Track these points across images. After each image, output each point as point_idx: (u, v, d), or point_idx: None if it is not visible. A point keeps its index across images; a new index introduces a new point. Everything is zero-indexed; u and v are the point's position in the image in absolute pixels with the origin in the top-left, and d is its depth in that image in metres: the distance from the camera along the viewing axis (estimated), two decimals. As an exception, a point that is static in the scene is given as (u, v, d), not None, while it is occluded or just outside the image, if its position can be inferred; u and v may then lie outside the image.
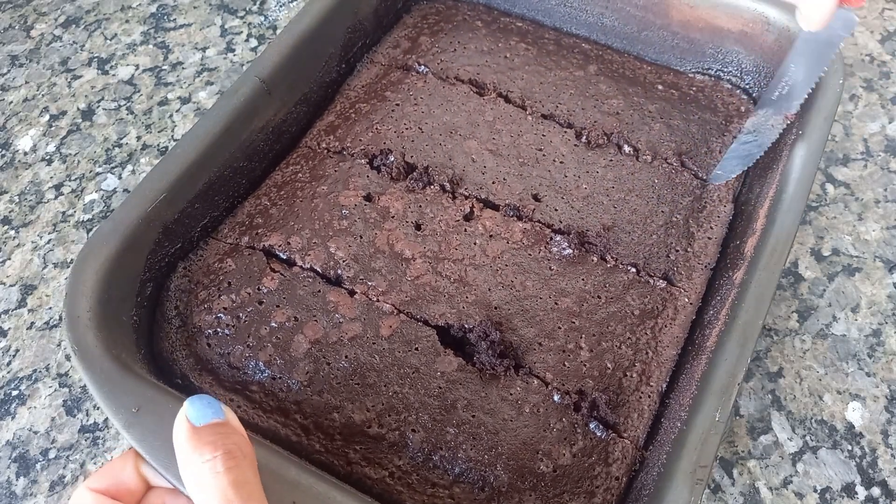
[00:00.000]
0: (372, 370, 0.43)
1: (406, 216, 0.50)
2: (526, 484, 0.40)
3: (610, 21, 0.60)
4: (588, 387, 0.43)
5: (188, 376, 0.44)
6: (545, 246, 0.49)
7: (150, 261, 0.46)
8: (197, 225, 0.49)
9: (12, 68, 0.70)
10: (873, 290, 0.54)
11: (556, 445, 0.41)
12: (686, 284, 0.47)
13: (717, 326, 0.41)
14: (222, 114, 0.49)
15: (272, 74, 0.52)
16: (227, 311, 0.46)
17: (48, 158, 0.63)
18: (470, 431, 0.41)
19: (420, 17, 0.64)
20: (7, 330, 0.54)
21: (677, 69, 0.59)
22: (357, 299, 0.46)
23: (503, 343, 0.44)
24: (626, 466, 0.41)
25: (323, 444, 0.41)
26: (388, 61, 0.61)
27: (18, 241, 0.58)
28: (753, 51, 0.54)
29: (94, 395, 0.37)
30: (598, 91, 0.57)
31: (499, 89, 0.57)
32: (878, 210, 0.57)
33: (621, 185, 0.52)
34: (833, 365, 0.50)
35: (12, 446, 0.49)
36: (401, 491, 0.40)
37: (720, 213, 0.50)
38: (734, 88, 0.57)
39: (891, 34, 0.69)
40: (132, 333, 0.44)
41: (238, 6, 0.74)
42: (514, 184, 0.52)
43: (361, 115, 0.56)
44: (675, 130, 0.54)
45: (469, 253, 0.48)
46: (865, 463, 0.47)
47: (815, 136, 0.44)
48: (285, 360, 0.44)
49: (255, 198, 0.52)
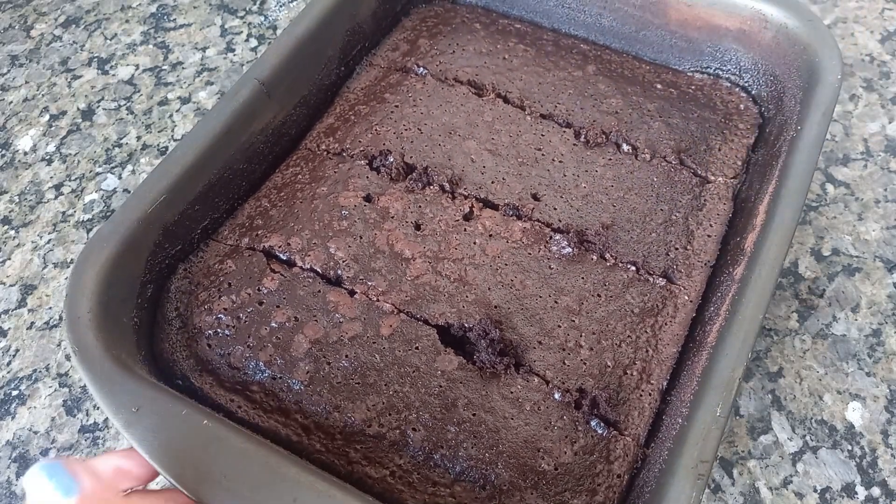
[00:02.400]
0: (372, 369, 0.43)
1: (406, 216, 0.50)
2: (527, 482, 0.39)
3: (608, 21, 0.60)
4: (588, 385, 0.43)
5: (188, 377, 0.44)
6: (545, 245, 0.49)
7: (150, 262, 0.46)
8: (197, 227, 0.50)
9: (12, 68, 0.70)
10: (873, 290, 0.53)
11: (558, 443, 0.41)
12: (686, 282, 0.47)
13: (718, 322, 0.40)
14: (222, 116, 0.50)
15: (271, 77, 0.52)
16: (228, 312, 0.46)
17: (48, 158, 0.64)
18: (470, 430, 0.41)
19: (419, 19, 0.64)
20: (7, 330, 0.54)
21: (676, 68, 0.59)
22: (357, 299, 0.46)
23: (503, 341, 0.44)
24: (628, 464, 0.41)
25: (323, 443, 0.41)
26: (388, 63, 0.61)
27: (18, 241, 0.59)
28: (752, 48, 0.54)
29: (95, 395, 0.37)
30: (596, 91, 0.57)
31: (497, 90, 0.58)
32: (878, 210, 0.57)
33: (620, 183, 0.52)
34: (833, 365, 0.50)
35: (12, 446, 0.49)
36: (402, 490, 0.40)
37: (719, 210, 0.50)
38: (733, 86, 0.57)
39: (891, 34, 0.69)
40: (133, 334, 0.44)
41: (238, 6, 0.75)
42: (514, 183, 0.52)
43: (361, 117, 0.56)
44: (675, 129, 0.54)
45: (469, 252, 0.48)
46: (865, 463, 0.47)
47: (814, 132, 0.44)
48: (286, 360, 0.44)
49: (255, 199, 0.52)
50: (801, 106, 0.47)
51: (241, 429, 0.38)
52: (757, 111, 0.55)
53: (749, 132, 0.54)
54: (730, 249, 0.47)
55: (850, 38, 0.68)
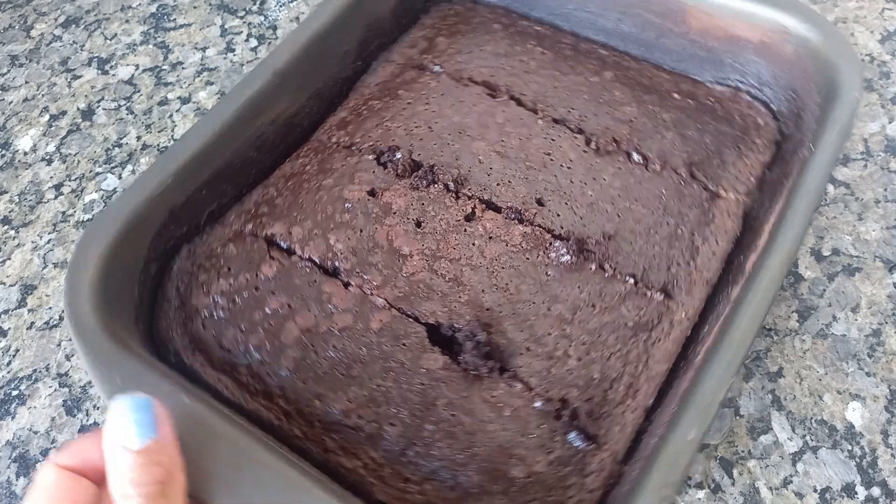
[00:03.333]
0: (358, 362, 0.44)
1: (408, 213, 0.50)
2: (497, 487, 0.39)
3: (628, 27, 0.59)
4: (572, 395, 0.42)
5: (181, 354, 0.45)
6: (544, 251, 0.48)
7: (155, 242, 0.48)
8: (204, 210, 0.51)
9: (12, 68, 0.70)
10: (873, 290, 0.53)
11: (533, 451, 0.40)
12: (685, 299, 0.46)
13: (707, 343, 0.39)
14: (234, 104, 0.51)
15: (286, 68, 0.53)
16: (224, 295, 0.47)
17: (48, 158, 0.64)
18: (447, 430, 0.41)
19: (439, 17, 0.64)
20: (7, 330, 0.54)
21: (696, 78, 0.58)
22: (351, 291, 0.47)
23: (489, 344, 0.44)
24: (603, 479, 0.40)
25: (303, 430, 0.42)
26: (405, 60, 0.61)
27: (18, 241, 0.59)
28: (772, 61, 0.52)
29: (84, 364, 0.39)
30: (612, 97, 0.56)
31: (511, 92, 0.57)
32: (878, 210, 0.57)
33: (627, 193, 0.51)
34: (833, 365, 0.50)
35: (12, 446, 0.49)
36: (373, 483, 0.40)
37: (727, 227, 0.49)
38: (753, 100, 0.55)
39: (891, 34, 0.67)
40: (132, 310, 0.45)
41: (238, 6, 0.75)
42: (519, 187, 0.52)
43: (373, 112, 0.57)
44: (689, 140, 0.53)
45: (467, 253, 0.48)
46: (865, 463, 0.46)
47: (828, 152, 0.43)
48: (274, 346, 0.45)
49: (263, 187, 0.53)
50: (817, 124, 0.46)
51: (221, 409, 0.38)
52: (776, 127, 0.53)
53: (766, 148, 0.53)
54: (733, 269, 0.46)
55: (850, 38, 0.67)
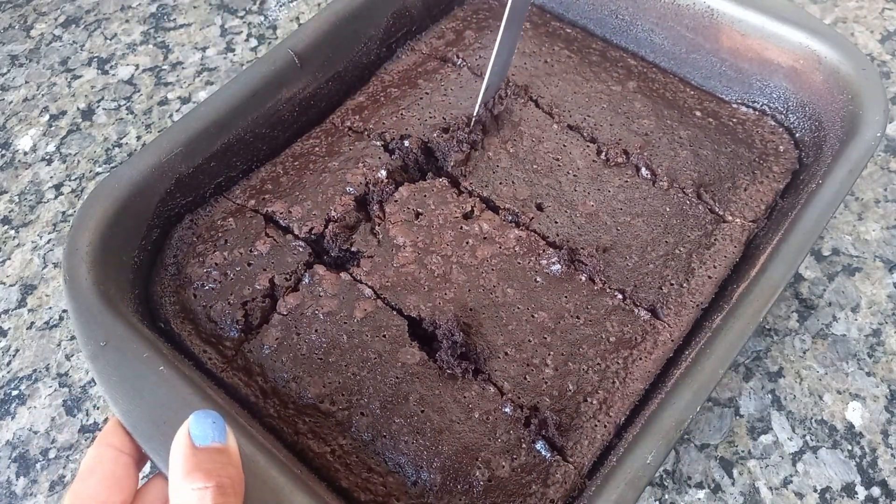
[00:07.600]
0: (337, 348, 0.44)
1: (408, 203, 0.51)
2: (458, 487, 0.40)
3: (659, 39, 0.57)
4: (543, 404, 0.42)
5: (170, 321, 0.46)
6: (536, 257, 0.48)
7: (159, 208, 0.49)
8: (211, 182, 0.52)
9: (12, 68, 0.70)
10: (873, 289, 0.52)
11: (497, 456, 0.40)
12: (672, 320, 0.45)
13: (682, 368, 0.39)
14: (250, 80, 0.51)
15: (306, 49, 0.53)
16: (218, 267, 0.48)
17: (48, 158, 0.63)
18: (415, 425, 0.41)
19: (471, 10, 0.64)
20: (7, 330, 0.55)
21: (721, 97, 0.56)
22: (341, 276, 0.47)
23: (466, 345, 0.44)
24: (565, 491, 0.40)
25: (277, 409, 0.43)
26: (430, 51, 0.61)
27: (18, 241, 0.58)
28: (801, 88, 0.50)
29: (72, 323, 0.40)
30: (631, 109, 0.55)
31: (530, 92, 0.57)
32: (878, 210, 0.56)
33: (630, 207, 0.50)
34: (833, 365, 0.50)
35: (12, 446, 0.49)
36: (338, 469, 0.41)
37: (727, 252, 0.48)
38: (777, 126, 0.53)
39: (891, 34, 0.66)
40: (130, 273, 0.47)
41: (238, 6, 0.74)
42: (522, 188, 0.51)
43: (390, 100, 0.57)
44: (702, 161, 0.52)
45: (458, 251, 0.48)
46: (865, 463, 0.46)
47: (834, 189, 0.41)
48: (259, 323, 0.46)
49: (272, 164, 0.54)
50: (832, 158, 0.44)
51: (196, 380, 0.39)
52: (796, 156, 0.52)
53: (782, 176, 0.51)
54: (725, 295, 0.45)
55: (850, 38, 0.66)
